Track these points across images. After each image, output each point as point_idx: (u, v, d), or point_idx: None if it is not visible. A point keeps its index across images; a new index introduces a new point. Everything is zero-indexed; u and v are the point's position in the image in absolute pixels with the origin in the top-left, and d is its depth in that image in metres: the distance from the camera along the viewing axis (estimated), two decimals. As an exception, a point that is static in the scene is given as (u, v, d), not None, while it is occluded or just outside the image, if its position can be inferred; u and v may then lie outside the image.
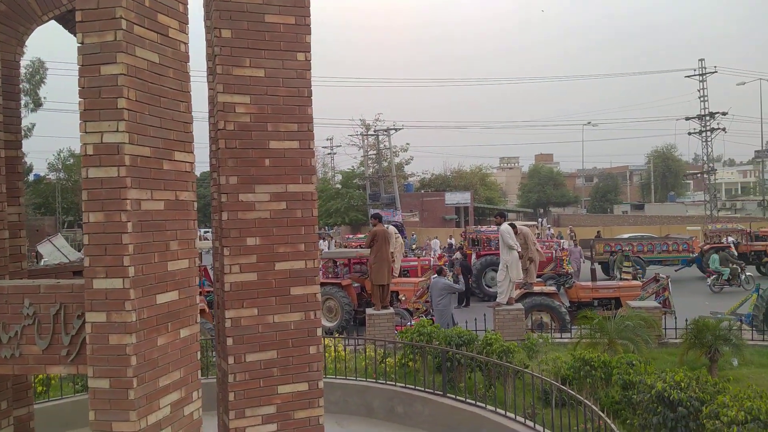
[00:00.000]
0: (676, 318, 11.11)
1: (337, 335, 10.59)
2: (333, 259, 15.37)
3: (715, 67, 45.28)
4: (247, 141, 3.99)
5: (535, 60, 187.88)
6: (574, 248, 19.03)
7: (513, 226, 12.67)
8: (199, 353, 3.76)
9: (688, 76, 45.84)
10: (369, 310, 11.35)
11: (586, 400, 5.64)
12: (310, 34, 4.17)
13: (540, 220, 55.02)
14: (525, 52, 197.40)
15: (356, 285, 14.81)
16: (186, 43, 3.76)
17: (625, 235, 28.15)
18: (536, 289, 12.27)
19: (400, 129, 46.17)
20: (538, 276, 18.02)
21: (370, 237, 12.33)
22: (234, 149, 3.97)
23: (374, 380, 7.96)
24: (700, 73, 45.19)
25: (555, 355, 7.80)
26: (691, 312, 10.88)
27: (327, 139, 70.22)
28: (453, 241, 31.23)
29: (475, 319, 10.84)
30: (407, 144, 54.07)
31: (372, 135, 49.32)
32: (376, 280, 11.98)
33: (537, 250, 12.65)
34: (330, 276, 15.16)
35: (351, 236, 33.98)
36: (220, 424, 4.21)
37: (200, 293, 12.52)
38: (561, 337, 10.78)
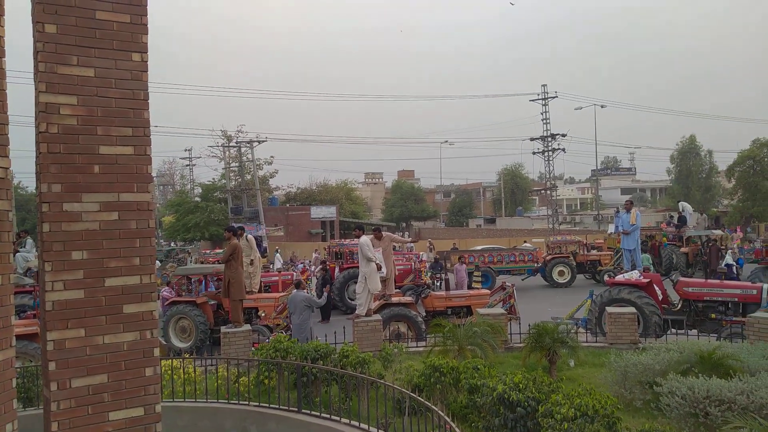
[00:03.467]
0: (520, 323, 11.88)
1: (187, 356, 10.04)
2: (187, 276, 14.65)
3: (556, 92, 49.75)
4: (74, 145, 3.66)
5: (400, 79, 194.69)
6: (460, 266, 19.85)
7: (378, 230, 12.94)
8: (14, 380, 3.38)
9: (533, 100, 49.91)
10: (224, 328, 10.92)
11: (434, 407, 5.81)
12: (147, 33, 3.95)
13: (402, 233, 56.72)
14: (390, 73, 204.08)
15: (212, 302, 14.21)
16: (1, 37, 3.39)
17: (478, 247, 29.75)
18: (394, 299, 12.54)
19: (263, 141, 45.49)
20: (399, 287, 18.56)
21: (228, 251, 11.92)
22: (58, 154, 3.62)
23: (226, 401, 7.64)
24: (543, 97, 49.38)
25: (408, 364, 7.99)
26: (535, 317, 11.66)
27: (186, 150, 67.40)
28: (318, 255, 31.11)
29: (335, 332, 10.85)
30: (272, 157, 53.24)
31: (234, 147, 48.06)
32: (234, 296, 11.60)
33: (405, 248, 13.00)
34: (184, 293, 14.45)
35: (209, 251, 32.65)
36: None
37: (35, 315, 11.36)
38: (417, 346, 11.08)
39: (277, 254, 32.26)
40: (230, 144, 48.34)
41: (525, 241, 34.00)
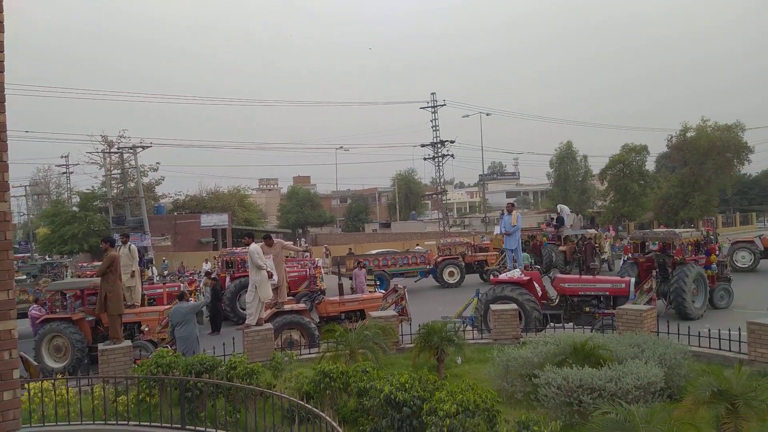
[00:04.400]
0: (410, 324, 12.11)
1: (60, 376, 9.32)
2: (61, 291, 13.62)
3: (444, 100, 51.42)
4: None
5: (298, 84, 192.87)
6: (359, 271, 19.73)
7: (269, 236, 12.68)
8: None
9: (423, 108, 51.28)
10: (101, 345, 10.25)
11: (324, 413, 5.77)
12: (3, 32, 3.63)
13: (299, 240, 56.13)
14: (288, 76, 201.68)
15: (90, 318, 13.30)
16: None
17: (373, 251, 30.09)
18: (287, 307, 12.36)
19: (148, 147, 43.29)
20: (293, 294, 18.33)
21: (106, 263, 11.21)
22: None
23: (104, 422, 7.17)
24: (432, 105, 50.89)
25: (299, 372, 7.89)
26: (426, 318, 11.89)
27: (62, 157, 62.85)
28: (208, 265, 30.04)
29: (224, 344, 10.51)
30: (157, 163, 50.75)
31: (116, 153, 45.41)
32: (112, 310, 10.93)
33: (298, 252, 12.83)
34: (58, 310, 13.43)
35: (86, 264, 30.57)
36: None
37: None
38: (310, 353, 10.97)
39: (152, 266, 30.71)
40: (111, 150, 45.61)
41: (417, 245, 34.79)
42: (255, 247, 11.13)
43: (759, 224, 54.96)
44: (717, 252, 17.64)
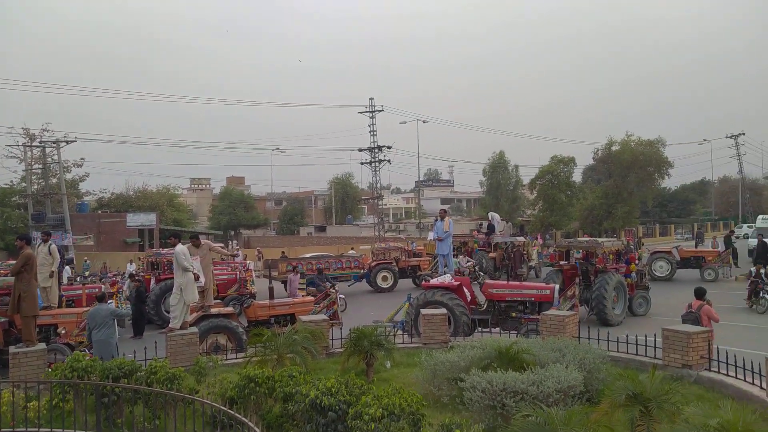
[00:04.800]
0: (341, 329, 12.05)
1: (-37, 383, 8.71)
2: (-32, 292, 12.75)
3: (382, 106, 51.76)
4: None
5: (233, 84, 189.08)
6: (294, 276, 19.32)
7: (196, 237, 12.33)
8: None
9: (361, 113, 51.42)
10: (12, 348, 9.67)
11: (247, 420, 5.63)
12: None
13: (231, 242, 54.91)
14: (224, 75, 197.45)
15: (2, 320, 12.49)
16: None
17: (307, 255, 29.84)
18: (213, 311, 12.03)
19: (72, 141, 41.41)
20: (222, 297, 17.88)
21: (20, 262, 10.57)
22: None
23: (11, 429, 6.75)
24: (370, 110, 51.10)
25: (223, 377, 7.68)
26: (358, 322, 11.88)
27: (-23, 150, 58.97)
28: (133, 266, 28.91)
29: (145, 348, 10.13)
30: (82, 159, 48.41)
31: (38, 147, 43.09)
32: (26, 312, 10.30)
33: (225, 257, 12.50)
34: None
35: (0, 263, 28.78)
36: None
37: None
38: (236, 358, 10.73)
39: (67, 267, 29.24)
40: (33, 144, 43.24)
41: (352, 249, 34.77)
42: (181, 248, 10.80)
43: (677, 236, 58.08)
44: (636, 261, 18.49)
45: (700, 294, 11.01)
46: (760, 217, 39.60)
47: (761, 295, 17.29)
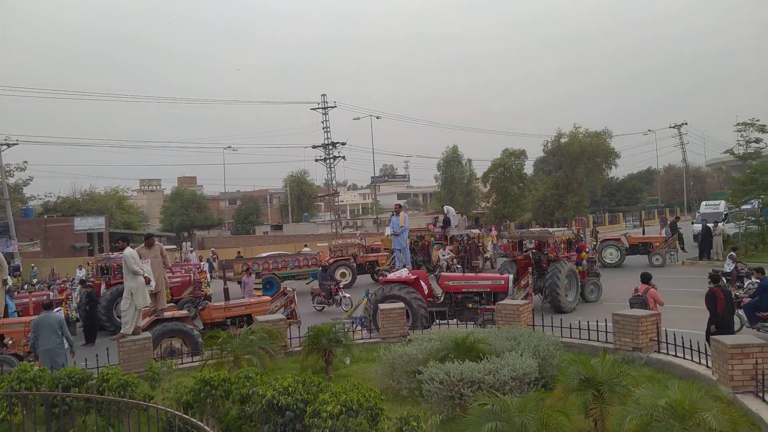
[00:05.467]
0: (299, 327, 11.97)
1: None
2: None
3: (335, 102, 51.53)
4: None
5: (182, 82, 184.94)
6: (248, 278, 18.88)
7: (150, 235, 12.01)
8: None
9: (314, 109, 51.07)
10: (-47, 362, 9.22)
11: (203, 424, 5.53)
12: None
13: (184, 243, 53.79)
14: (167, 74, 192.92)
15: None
16: None
17: (264, 254, 29.48)
18: (167, 314, 11.77)
19: (14, 144, 39.76)
20: (176, 300, 17.50)
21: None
22: None
23: (-46, 447, 6.45)
24: (323, 107, 50.81)
25: (178, 381, 7.52)
26: (318, 320, 11.85)
27: None
28: (83, 272, 28.01)
29: (97, 355, 9.85)
30: (25, 162, 46.61)
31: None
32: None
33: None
34: None
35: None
36: None
37: None
38: (192, 361, 10.53)
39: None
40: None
41: (305, 245, 34.55)
42: (130, 251, 10.50)
43: (626, 223, 59.87)
44: (587, 249, 18.98)
45: (646, 279, 11.38)
46: (703, 203, 41.15)
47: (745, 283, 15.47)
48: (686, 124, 72.43)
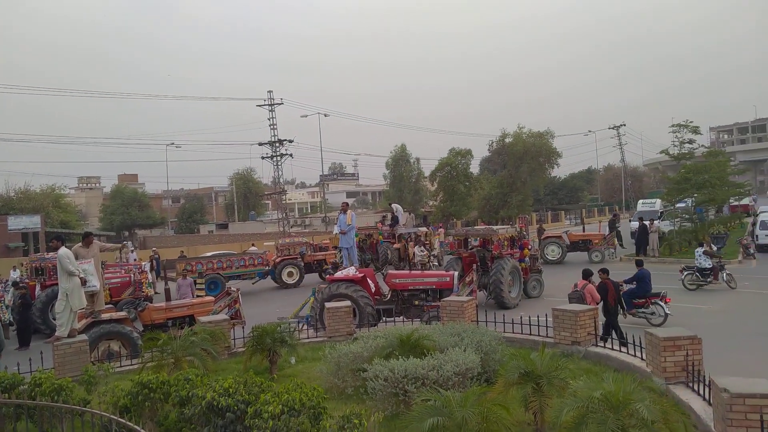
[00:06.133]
0: (244, 328, 11.78)
1: None
2: None
3: (282, 98, 50.91)
4: None
5: (123, 75, 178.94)
6: (183, 280, 18.18)
7: (89, 234, 11.58)
8: None
9: (259, 106, 50.33)
10: None
11: (141, 428, 5.40)
12: None
13: (125, 243, 52.01)
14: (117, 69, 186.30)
15: None
16: None
17: (208, 254, 28.91)
18: (105, 316, 11.38)
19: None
20: (116, 302, 16.94)
21: None
22: None
23: None
24: (269, 104, 50.13)
25: (115, 385, 7.29)
26: (262, 320, 11.63)
27: None
28: (17, 273, 26.73)
29: (30, 360, 9.43)
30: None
31: None
32: None
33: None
34: None
35: None
36: None
37: None
38: (131, 364, 10.22)
39: None
40: None
41: (252, 244, 34.08)
42: (65, 251, 10.10)
43: (567, 221, 61.63)
44: (529, 246, 19.44)
45: (586, 275, 11.80)
46: (640, 201, 42.76)
47: (723, 273, 17.96)
48: (624, 125, 75.15)
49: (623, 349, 9.39)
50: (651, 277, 14.11)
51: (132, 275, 19.35)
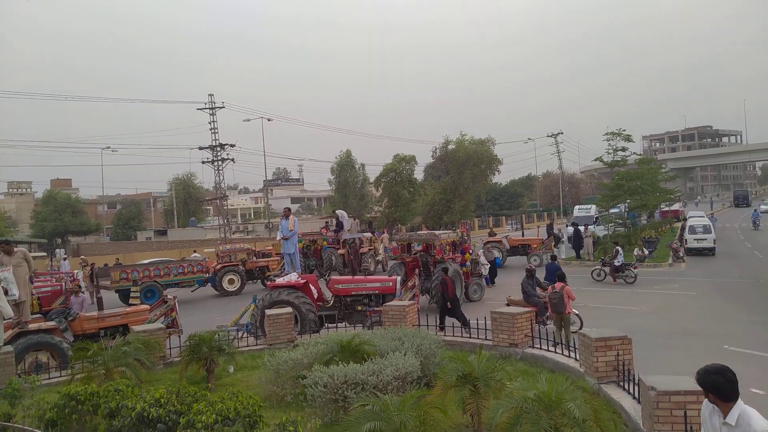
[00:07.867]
0: (180, 337, 11.47)
1: None
2: None
3: (223, 102, 50.00)
4: None
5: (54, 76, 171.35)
6: (76, 298, 17.30)
7: (8, 242, 11.03)
8: None
9: (200, 109, 49.28)
10: None
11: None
12: None
13: (57, 250, 49.82)
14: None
15: None
16: None
17: (145, 261, 28.03)
18: (32, 326, 10.84)
19: None
20: (45, 312, 16.14)
21: None
22: None
23: None
24: (210, 107, 49.16)
25: (41, 397, 6.94)
26: (201, 328, 11.32)
27: None
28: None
29: (-53, 375, 8.88)
30: None
31: None
32: None
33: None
34: None
35: None
36: None
37: None
38: (60, 376, 9.77)
39: None
40: None
41: (194, 251, 33.30)
42: (-12, 258, 9.59)
43: (508, 226, 63.05)
44: (470, 251, 19.74)
45: (561, 278, 12.25)
46: (576, 207, 44.19)
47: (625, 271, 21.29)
48: (562, 133, 77.50)
49: (558, 350, 9.65)
50: (558, 270, 14.22)
51: (63, 284, 18.54)
